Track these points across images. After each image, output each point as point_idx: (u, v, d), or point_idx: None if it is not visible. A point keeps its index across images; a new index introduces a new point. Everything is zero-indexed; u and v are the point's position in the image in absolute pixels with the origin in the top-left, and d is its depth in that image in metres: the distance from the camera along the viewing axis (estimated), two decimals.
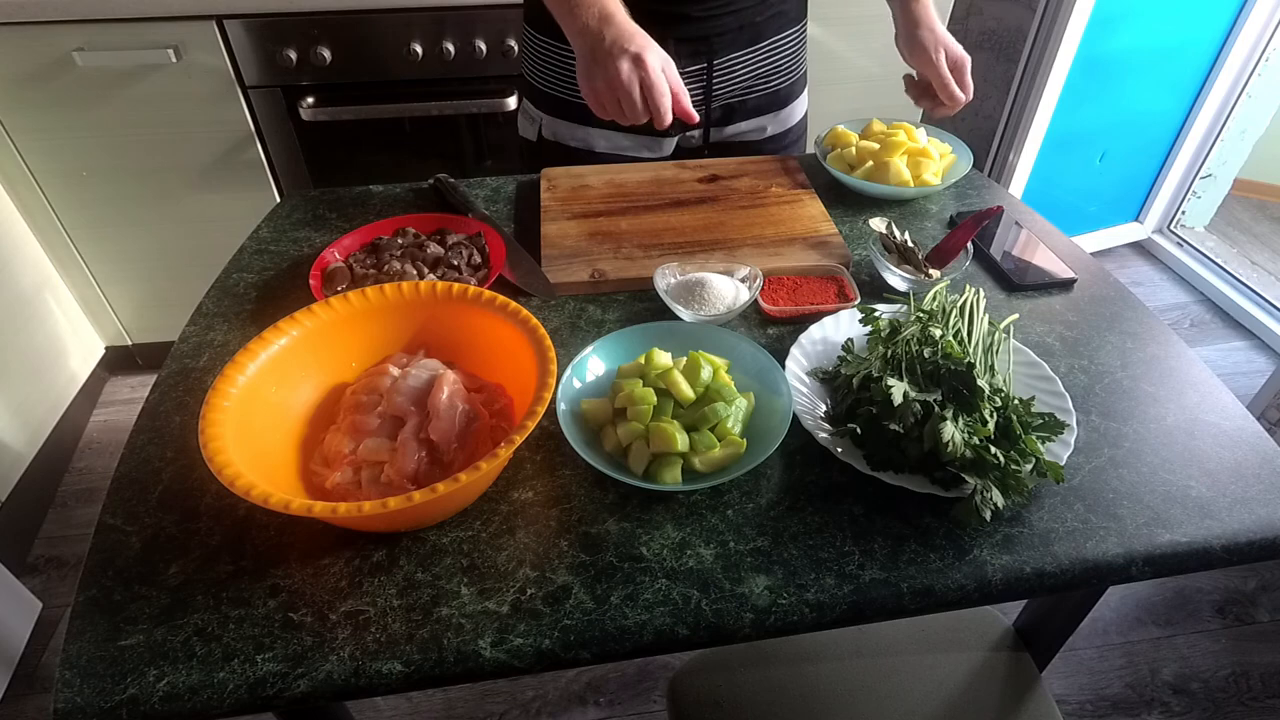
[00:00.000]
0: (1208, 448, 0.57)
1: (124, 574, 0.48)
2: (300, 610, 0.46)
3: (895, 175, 0.86)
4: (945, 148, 0.92)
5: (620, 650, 0.45)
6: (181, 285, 1.67)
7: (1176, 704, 1.28)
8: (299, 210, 0.85)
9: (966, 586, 0.48)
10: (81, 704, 0.42)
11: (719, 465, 0.53)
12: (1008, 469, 0.50)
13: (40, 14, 1.31)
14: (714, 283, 0.68)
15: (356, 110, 1.46)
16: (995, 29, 2.02)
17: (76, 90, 1.40)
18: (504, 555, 0.49)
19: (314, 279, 0.69)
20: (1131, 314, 0.70)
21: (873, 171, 0.88)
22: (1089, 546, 0.50)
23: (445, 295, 0.58)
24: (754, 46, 0.91)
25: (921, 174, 0.87)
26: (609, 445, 0.55)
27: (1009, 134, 2.06)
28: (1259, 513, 0.52)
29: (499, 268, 0.71)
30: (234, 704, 0.42)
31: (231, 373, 0.50)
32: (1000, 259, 0.77)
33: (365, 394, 0.55)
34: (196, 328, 0.69)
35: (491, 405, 0.55)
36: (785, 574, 0.48)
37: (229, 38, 1.38)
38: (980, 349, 0.59)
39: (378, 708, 1.27)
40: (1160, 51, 1.96)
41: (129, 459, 0.56)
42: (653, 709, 1.27)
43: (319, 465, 0.53)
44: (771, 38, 0.92)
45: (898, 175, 0.86)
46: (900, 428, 0.51)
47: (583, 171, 0.90)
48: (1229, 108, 2.08)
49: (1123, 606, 1.42)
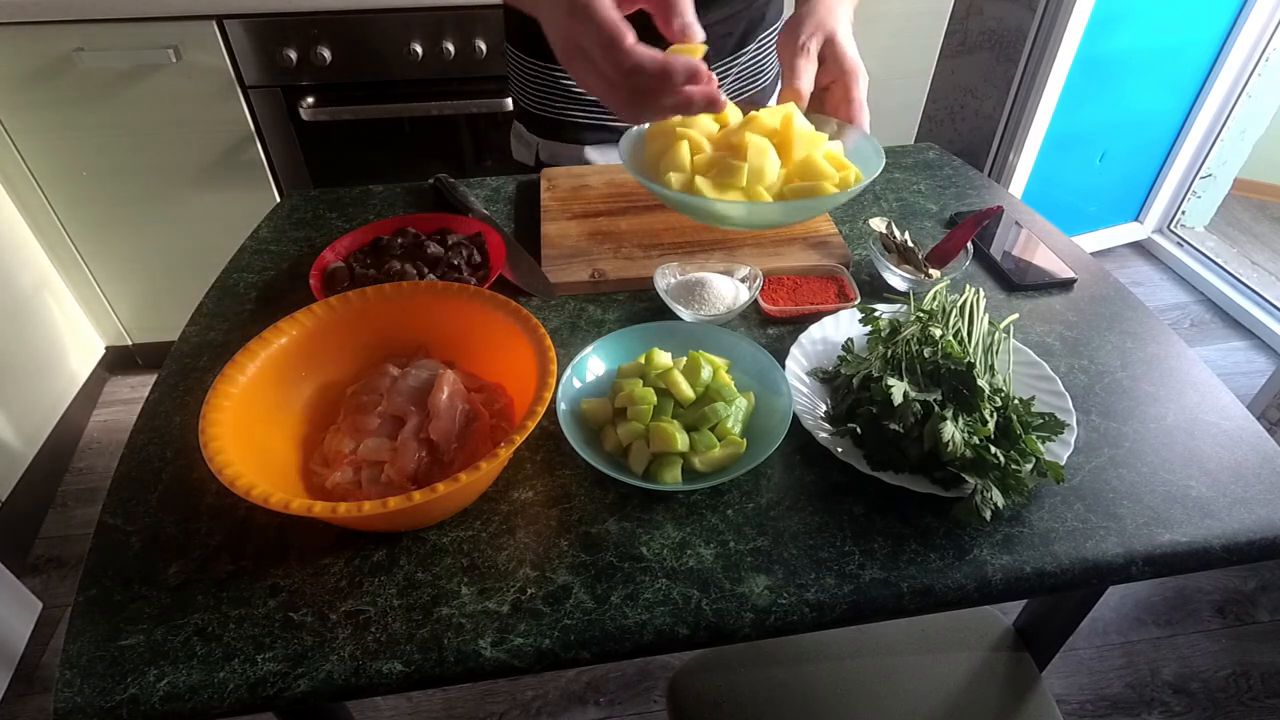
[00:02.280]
0: (1208, 448, 0.57)
1: (124, 574, 0.48)
2: (300, 610, 0.46)
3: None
4: (839, 158, 0.66)
5: (620, 650, 0.45)
6: (181, 285, 1.67)
7: (1176, 704, 1.28)
8: (299, 210, 0.85)
9: (966, 586, 0.48)
10: (81, 704, 0.42)
11: (719, 465, 0.53)
12: (1008, 469, 0.50)
13: (40, 14, 1.31)
14: (714, 283, 0.68)
15: (356, 110, 1.46)
16: (995, 29, 2.02)
17: (76, 90, 1.40)
18: (504, 555, 0.49)
19: (314, 279, 0.69)
20: (1131, 314, 0.70)
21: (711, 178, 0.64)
22: (1089, 546, 0.50)
23: (445, 295, 0.58)
24: (741, 51, 0.91)
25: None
26: (609, 445, 0.55)
27: (1009, 134, 2.06)
28: (1259, 513, 0.52)
29: (499, 268, 0.71)
30: (234, 704, 0.42)
31: (231, 373, 0.50)
32: (1000, 259, 0.77)
33: (365, 394, 0.55)
34: (196, 328, 0.69)
35: (491, 405, 0.55)
36: (785, 574, 0.48)
37: (229, 38, 1.38)
38: (980, 349, 0.59)
39: (378, 708, 1.27)
40: (1160, 51, 1.96)
41: (129, 459, 0.56)
42: (653, 709, 1.27)
43: (319, 465, 0.53)
44: (757, 40, 0.92)
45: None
46: (900, 428, 0.52)
47: (583, 171, 0.90)
48: (1229, 108, 2.08)
49: (1123, 606, 1.42)
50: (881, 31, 1.65)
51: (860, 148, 0.68)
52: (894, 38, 1.66)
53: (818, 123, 0.68)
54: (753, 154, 0.61)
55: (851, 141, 0.68)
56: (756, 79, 0.95)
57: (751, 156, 0.61)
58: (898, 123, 1.82)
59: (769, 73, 0.97)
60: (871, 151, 0.66)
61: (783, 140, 0.64)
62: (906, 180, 0.92)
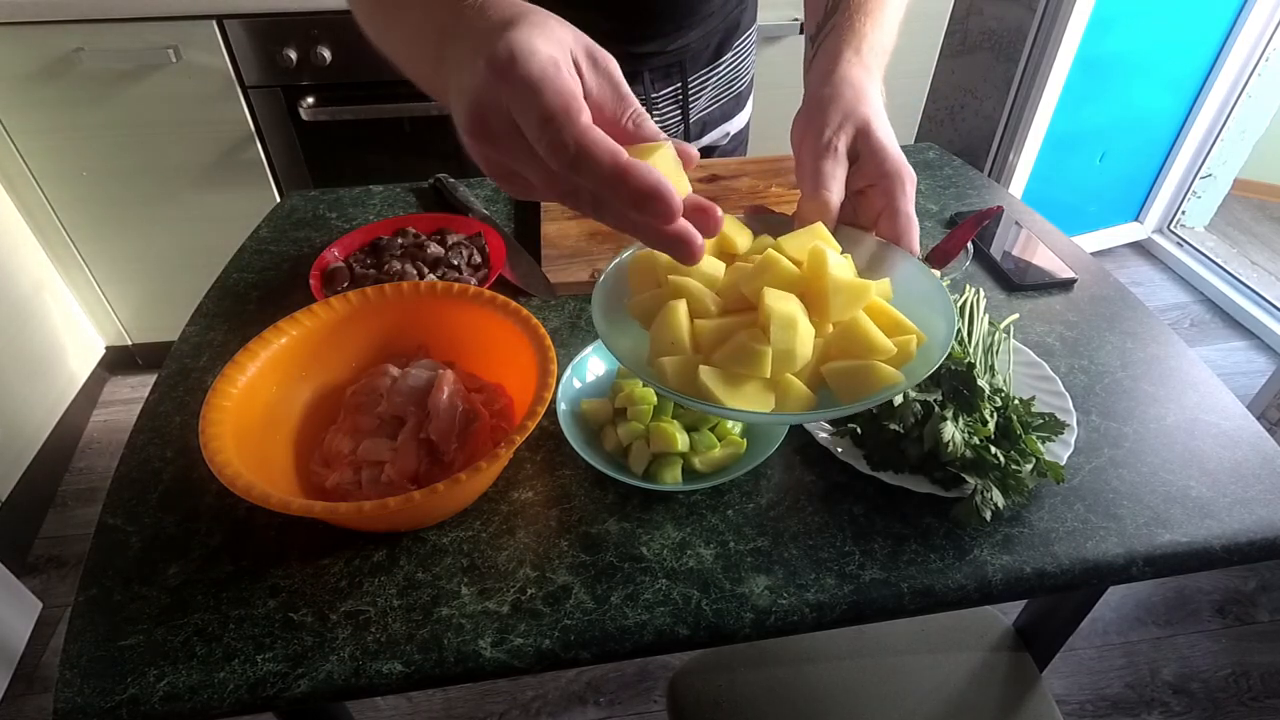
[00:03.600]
0: (1208, 448, 0.57)
1: (124, 574, 0.48)
2: (300, 610, 0.46)
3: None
4: (904, 324, 0.44)
5: (620, 650, 0.45)
6: (181, 285, 1.67)
7: (1176, 704, 1.28)
8: (299, 210, 0.85)
9: (966, 586, 0.48)
10: (81, 704, 0.42)
11: (719, 465, 0.53)
12: (1008, 469, 0.50)
13: (40, 14, 1.31)
14: None
15: (356, 110, 1.46)
16: (995, 29, 2.02)
17: (76, 90, 1.40)
18: (504, 555, 0.49)
19: (314, 279, 0.69)
20: (1131, 314, 0.70)
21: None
22: (1089, 546, 0.50)
23: (445, 295, 0.58)
24: (718, 61, 0.90)
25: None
26: (609, 445, 0.55)
27: (1009, 134, 2.06)
28: (1259, 513, 0.52)
29: (499, 268, 0.71)
30: (234, 704, 0.42)
31: (231, 373, 0.50)
32: (1000, 259, 0.77)
33: (365, 394, 0.55)
34: (196, 328, 0.69)
35: (491, 405, 0.55)
36: (785, 574, 0.48)
37: (229, 38, 1.38)
38: (980, 349, 0.59)
39: (378, 708, 1.27)
40: (1160, 51, 1.96)
41: (129, 459, 0.56)
42: (653, 709, 1.27)
43: (319, 465, 0.53)
44: (733, 48, 0.91)
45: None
46: (900, 428, 0.52)
47: None
48: (1229, 108, 2.08)
49: (1123, 606, 1.42)
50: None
51: (911, 282, 0.47)
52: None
53: (847, 239, 0.48)
54: (778, 329, 0.40)
55: (898, 269, 0.47)
56: (732, 84, 0.94)
57: (776, 334, 0.41)
58: (898, 123, 1.81)
59: (745, 78, 0.96)
60: (930, 288, 0.46)
61: (813, 290, 0.43)
62: None
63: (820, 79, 0.52)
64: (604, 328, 0.44)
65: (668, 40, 0.83)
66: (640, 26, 0.81)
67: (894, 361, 0.43)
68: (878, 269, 0.48)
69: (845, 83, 0.51)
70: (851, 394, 0.42)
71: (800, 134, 0.50)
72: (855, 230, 0.49)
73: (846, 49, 0.53)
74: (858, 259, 0.47)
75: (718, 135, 0.97)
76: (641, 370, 0.43)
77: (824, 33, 0.56)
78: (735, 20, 0.90)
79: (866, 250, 0.49)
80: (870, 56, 0.54)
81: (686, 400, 0.41)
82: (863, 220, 0.50)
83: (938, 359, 0.42)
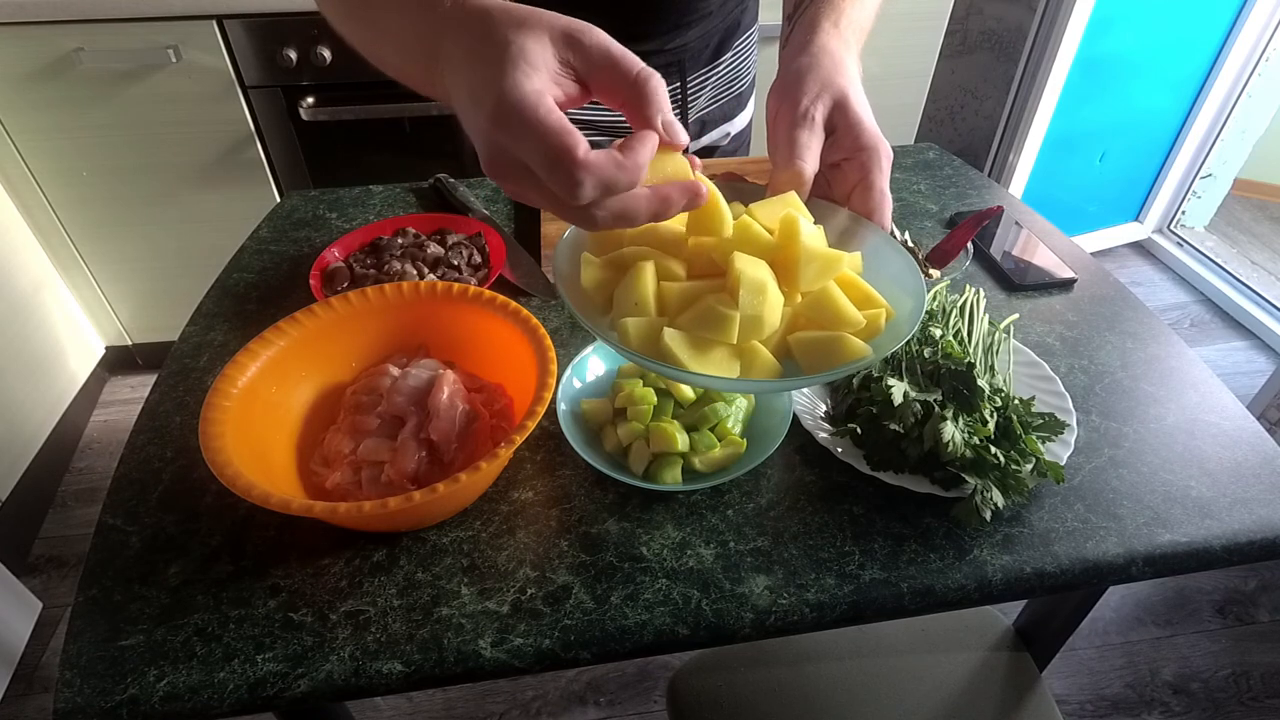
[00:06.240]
0: (1208, 448, 0.57)
1: (124, 574, 0.48)
2: (300, 610, 0.46)
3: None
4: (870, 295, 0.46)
5: (620, 650, 0.45)
6: (181, 285, 1.67)
7: (1176, 704, 1.28)
8: (299, 210, 0.85)
9: (966, 586, 0.48)
10: (81, 704, 0.42)
11: (719, 465, 0.53)
12: (1008, 469, 0.50)
13: (40, 14, 1.31)
14: None
15: (356, 110, 1.46)
16: (995, 29, 2.03)
17: (76, 90, 1.40)
18: (504, 555, 0.49)
19: (314, 279, 0.69)
20: (1131, 314, 0.70)
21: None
22: (1089, 546, 0.50)
23: (445, 295, 0.58)
24: (718, 61, 0.90)
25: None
26: (609, 445, 0.55)
27: (1009, 134, 2.06)
28: (1259, 513, 0.52)
29: (499, 268, 0.71)
30: (234, 704, 0.42)
31: (231, 373, 0.50)
32: (1000, 259, 0.77)
33: (365, 394, 0.55)
34: (196, 328, 0.69)
35: (491, 405, 0.55)
36: (785, 574, 0.48)
37: (229, 38, 1.38)
38: (980, 349, 0.59)
39: (378, 708, 1.27)
40: (1160, 51, 1.96)
41: (129, 459, 0.56)
42: (653, 709, 1.27)
43: (319, 465, 0.53)
44: (733, 48, 0.91)
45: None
46: (900, 428, 0.52)
47: None
48: (1229, 108, 2.09)
49: (1123, 606, 1.43)
50: (881, 31, 1.64)
51: (881, 257, 0.47)
52: (894, 38, 1.66)
53: (820, 212, 0.48)
54: (747, 294, 0.40)
55: (869, 244, 0.48)
56: (733, 85, 0.94)
57: (745, 299, 0.40)
58: (898, 123, 1.82)
59: (745, 78, 0.96)
60: (901, 265, 0.46)
61: (784, 258, 0.43)
62: (906, 180, 0.92)
63: (798, 49, 0.51)
64: (565, 282, 0.45)
65: (666, 39, 0.82)
66: (638, 25, 0.81)
67: (862, 335, 0.43)
68: (849, 243, 0.48)
69: (824, 52, 0.50)
70: (817, 365, 0.42)
71: (776, 104, 0.50)
72: (828, 204, 0.49)
73: (825, 20, 0.53)
74: (829, 233, 0.47)
75: (718, 135, 0.97)
76: (602, 331, 0.43)
77: (802, 8, 0.56)
78: (735, 20, 0.89)
79: (839, 224, 0.49)
80: (849, 31, 0.54)
81: (648, 363, 0.41)
82: (836, 195, 0.50)
83: (905, 334, 0.42)
